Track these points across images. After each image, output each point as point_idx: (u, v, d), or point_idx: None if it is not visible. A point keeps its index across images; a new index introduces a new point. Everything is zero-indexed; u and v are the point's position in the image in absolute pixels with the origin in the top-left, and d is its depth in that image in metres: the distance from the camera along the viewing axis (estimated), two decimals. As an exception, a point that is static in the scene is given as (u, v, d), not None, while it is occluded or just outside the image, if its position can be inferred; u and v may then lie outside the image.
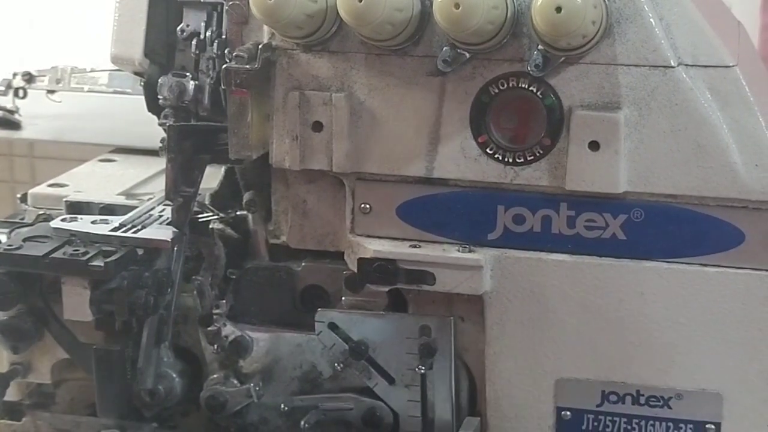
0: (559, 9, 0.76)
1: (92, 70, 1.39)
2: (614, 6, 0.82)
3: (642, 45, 0.82)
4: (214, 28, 0.96)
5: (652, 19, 0.82)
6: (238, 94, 0.88)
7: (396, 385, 0.94)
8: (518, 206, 0.88)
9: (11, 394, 1.02)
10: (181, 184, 0.94)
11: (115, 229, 0.96)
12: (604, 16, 0.80)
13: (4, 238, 0.99)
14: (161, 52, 0.99)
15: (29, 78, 1.40)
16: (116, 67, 1.09)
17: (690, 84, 0.82)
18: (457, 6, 0.77)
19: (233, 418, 0.98)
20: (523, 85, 0.84)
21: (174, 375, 0.98)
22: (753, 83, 0.85)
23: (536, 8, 0.77)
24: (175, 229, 0.95)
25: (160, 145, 1.00)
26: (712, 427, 0.88)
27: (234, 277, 0.99)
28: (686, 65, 0.82)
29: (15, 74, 1.41)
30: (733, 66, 0.83)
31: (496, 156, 0.86)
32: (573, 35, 0.78)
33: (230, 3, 0.92)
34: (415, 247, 0.89)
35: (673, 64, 0.82)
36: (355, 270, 0.91)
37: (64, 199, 1.07)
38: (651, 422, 0.89)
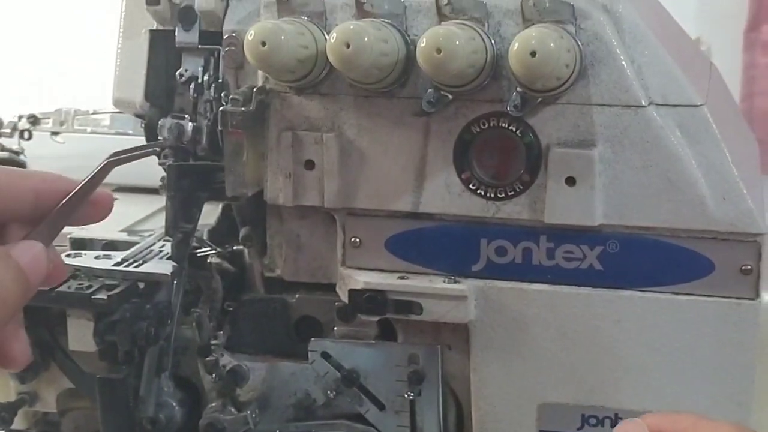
0: (533, 53, 0.79)
1: (95, 113, 1.42)
2: (588, 49, 0.85)
3: (614, 86, 0.85)
4: (211, 73, 0.99)
5: (623, 62, 0.85)
6: (234, 134, 0.91)
7: (386, 411, 0.96)
8: (500, 239, 0.91)
9: (18, 423, 1.04)
10: (180, 220, 0.97)
11: (117, 264, 0.99)
12: (577, 59, 0.84)
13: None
14: (161, 95, 1.01)
15: (34, 120, 1.43)
16: (118, 110, 1.12)
17: (660, 122, 0.86)
18: (438, 51, 0.80)
19: (231, 444, 1.00)
20: (503, 125, 0.88)
21: (174, 404, 1.00)
22: (721, 121, 0.89)
23: (513, 53, 0.81)
24: (174, 264, 0.98)
25: (160, 183, 1.02)
26: (686, 447, 0.90)
27: (231, 309, 1.01)
28: (657, 105, 0.86)
29: (20, 117, 1.44)
30: (701, 105, 0.86)
31: (478, 191, 0.89)
32: (548, 78, 0.82)
33: (226, 49, 0.96)
34: (403, 278, 0.92)
35: (644, 103, 0.85)
36: (347, 301, 0.93)
37: (69, 236, 1.09)
38: (628, 444, 0.92)
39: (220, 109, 0.91)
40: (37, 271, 0.67)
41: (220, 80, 0.98)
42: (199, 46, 0.99)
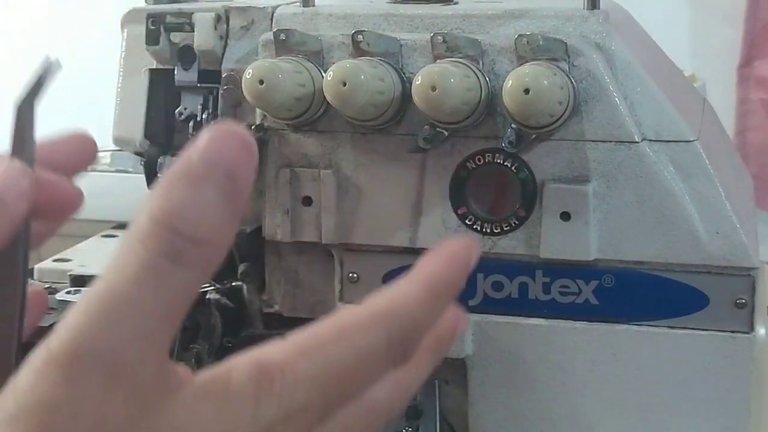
0: (527, 91, 0.81)
1: (95, 151, 1.43)
2: (581, 86, 0.86)
3: (608, 122, 0.87)
4: (210, 111, 1.00)
5: (616, 98, 0.87)
6: (232, 172, 0.92)
7: (384, 446, 0.97)
8: (496, 274, 0.91)
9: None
10: (179, 257, 0.97)
11: None
12: (570, 96, 0.85)
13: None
14: (161, 133, 1.02)
15: (36, 159, 1.44)
16: (118, 148, 1.13)
17: (654, 158, 0.87)
18: (433, 89, 0.82)
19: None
20: (498, 161, 0.89)
21: (173, 440, 1.01)
22: (714, 156, 0.90)
23: (507, 90, 0.82)
24: (173, 300, 0.98)
25: (160, 220, 1.02)
26: (683, 481, 0.91)
27: (230, 345, 1.01)
28: (650, 140, 0.87)
29: (22, 156, 1.45)
30: (694, 141, 0.87)
31: (474, 227, 0.90)
32: (541, 114, 0.83)
33: (224, 88, 0.97)
34: (400, 313, 0.93)
35: (637, 139, 0.86)
36: (344, 336, 0.94)
37: (69, 273, 1.10)
38: (625, 478, 0.92)
39: (219, 146, 0.92)
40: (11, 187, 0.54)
41: (219, 118, 0.99)
42: (198, 85, 1.00)
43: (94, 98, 1.54)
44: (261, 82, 0.84)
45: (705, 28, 2.02)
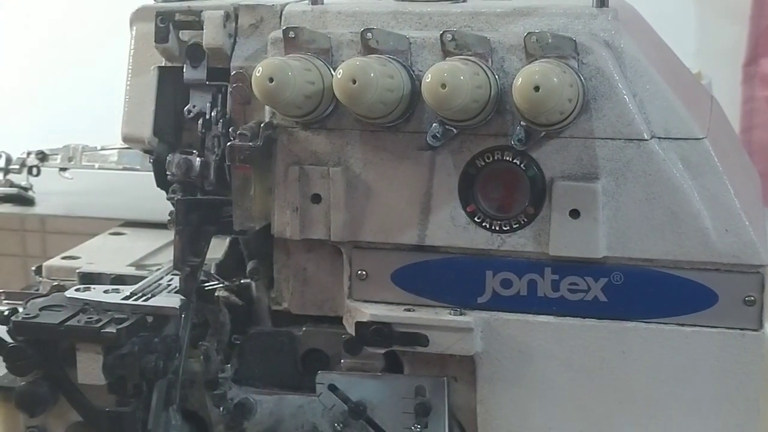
0: (537, 88, 0.81)
1: (103, 149, 1.43)
2: (590, 84, 0.87)
3: (617, 120, 0.87)
4: (219, 109, 1.00)
5: (626, 96, 0.87)
6: (241, 169, 0.93)
7: (393, 443, 0.97)
8: (505, 271, 0.92)
9: (27, 457, 1.05)
10: (188, 254, 0.98)
11: (126, 298, 0.99)
12: (580, 94, 0.85)
13: (20, 309, 1.03)
14: (169, 131, 1.03)
15: (42, 156, 1.45)
16: (126, 146, 1.13)
17: (663, 155, 0.87)
18: (443, 86, 0.82)
19: (239, 477, 1.00)
20: (508, 158, 0.89)
21: (182, 437, 1.01)
22: (723, 153, 0.90)
23: (516, 88, 0.82)
24: (182, 297, 0.98)
25: (169, 218, 1.03)
26: (692, 478, 0.91)
27: (238, 342, 1.02)
28: (659, 138, 0.87)
29: (29, 153, 1.45)
30: (703, 138, 0.88)
31: (483, 224, 0.91)
32: (551, 112, 0.83)
33: (234, 85, 0.97)
34: (409, 310, 0.93)
35: (646, 137, 0.87)
36: (353, 333, 0.94)
37: (77, 271, 1.10)
38: (634, 475, 0.92)
39: (228, 144, 0.92)
40: None
41: (228, 116, 0.99)
42: (207, 83, 1.00)
43: (101, 96, 1.54)
44: (270, 79, 0.85)
45: (711, 27, 2.02)
